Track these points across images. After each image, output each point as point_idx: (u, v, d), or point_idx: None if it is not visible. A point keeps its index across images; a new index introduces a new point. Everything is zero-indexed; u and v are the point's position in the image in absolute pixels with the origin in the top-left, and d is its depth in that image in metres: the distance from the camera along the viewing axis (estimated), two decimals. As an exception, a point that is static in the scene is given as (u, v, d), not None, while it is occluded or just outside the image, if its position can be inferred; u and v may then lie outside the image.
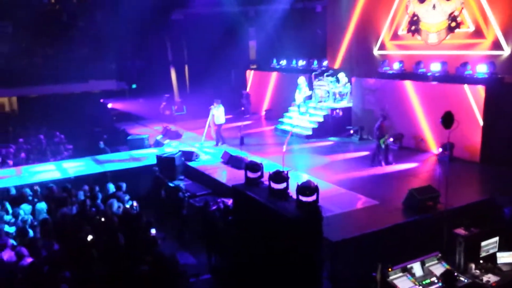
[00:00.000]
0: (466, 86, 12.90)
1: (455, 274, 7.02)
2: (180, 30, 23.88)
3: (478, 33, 14.49)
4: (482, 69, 13.12)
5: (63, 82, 22.94)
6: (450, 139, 9.64)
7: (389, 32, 17.66)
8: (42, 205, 10.07)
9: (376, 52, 18.28)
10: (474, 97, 12.66)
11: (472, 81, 13.09)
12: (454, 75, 13.89)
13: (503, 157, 12.18)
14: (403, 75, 15.53)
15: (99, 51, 24.52)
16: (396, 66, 15.88)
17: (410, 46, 16.87)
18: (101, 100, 24.02)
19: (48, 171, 13.32)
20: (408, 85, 14.67)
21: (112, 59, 24.91)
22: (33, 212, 9.86)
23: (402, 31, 17.12)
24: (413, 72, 15.31)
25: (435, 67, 14.53)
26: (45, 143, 17.01)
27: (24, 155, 15.52)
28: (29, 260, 7.31)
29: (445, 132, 9.19)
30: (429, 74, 14.69)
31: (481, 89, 12.49)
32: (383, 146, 12.83)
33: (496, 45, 13.94)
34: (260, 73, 22.43)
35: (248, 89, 22.74)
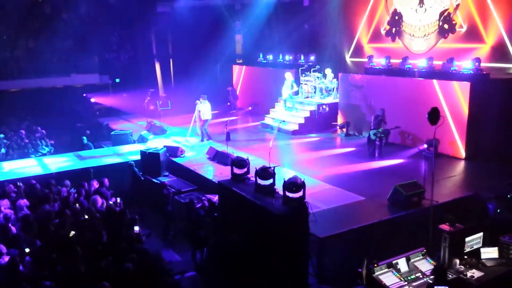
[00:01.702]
0: (451, 82, 12.97)
1: (446, 269, 7.04)
2: (165, 23, 23.58)
3: (473, 35, 14.11)
4: (467, 65, 13.19)
5: (45, 75, 22.51)
6: (436, 135, 9.67)
7: (367, 33, 17.43)
8: (24, 202, 9.85)
9: (348, 59, 18.18)
10: (459, 93, 12.73)
11: (458, 77, 13.16)
12: (440, 71, 13.96)
13: (487, 153, 12.29)
14: (389, 71, 15.57)
15: (82, 44, 24.11)
16: (383, 62, 15.90)
17: (391, 51, 16.47)
18: (84, 95, 23.64)
19: (29, 167, 13.05)
20: (395, 81, 14.70)
21: (96, 53, 24.52)
22: (14, 209, 9.64)
23: (384, 30, 16.66)
24: (399, 67, 15.35)
25: (421, 63, 14.59)
26: (26, 138, 16.67)
27: (4, 150, 15.20)
28: (6, 258, 7.14)
29: (431, 128, 9.20)
30: (415, 70, 14.74)
31: (466, 85, 12.55)
32: (373, 138, 12.94)
33: (500, 53, 13.42)
34: (246, 67, 22.30)
35: (234, 84, 22.60)
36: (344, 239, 8.50)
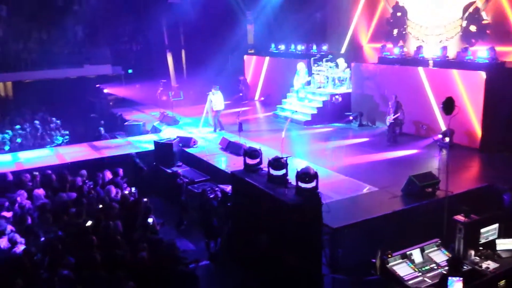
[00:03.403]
0: (467, 72, 12.78)
1: (461, 260, 7.00)
2: (177, 13, 23.55)
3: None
4: (483, 54, 12.98)
5: (58, 66, 22.65)
6: (450, 125, 9.57)
7: (366, 32, 16.88)
8: (40, 191, 9.97)
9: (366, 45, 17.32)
10: (474, 83, 12.54)
11: (473, 66, 12.96)
12: (455, 61, 13.76)
13: (503, 144, 12.14)
14: (403, 60, 15.38)
15: (94, 35, 24.23)
16: (397, 51, 15.71)
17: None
18: (97, 85, 23.78)
19: (44, 157, 13.19)
20: (408, 70, 14.53)
21: (108, 44, 24.61)
22: (30, 198, 9.77)
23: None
24: (413, 57, 15.16)
25: (436, 52, 14.38)
26: (41, 128, 16.85)
27: (20, 140, 15.38)
28: (21, 247, 7.25)
29: (446, 118, 9.10)
30: (429, 59, 14.53)
31: (482, 75, 12.37)
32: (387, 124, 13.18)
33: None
34: (258, 58, 22.20)
35: (245, 74, 22.54)
36: (357, 230, 8.48)
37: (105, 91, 23.39)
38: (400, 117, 13.53)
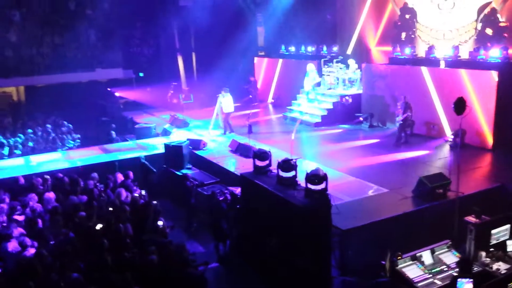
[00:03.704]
0: (478, 71, 12.64)
1: (471, 261, 6.94)
2: (188, 17, 23.69)
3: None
4: (495, 54, 12.83)
5: (71, 71, 22.93)
6: (462, 125, 9.47)
7: (374, 35, 16.61)
8: (51, 195, 10.08)
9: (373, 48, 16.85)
10: (486, 83, 12.40)
11: (485, 66, 12.81)
12: (467, 60, 13.61)
13: (515, 144, 11.99)
14: (414, 60, 15.26)
15: (106, 39, 24.47)
16: (408, 51, 15.59)
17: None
18: (109, 89, 24.00)
19: (56, 161, 13.33)
20: (420, 70, 14.41)
21: (119, 47, 24.85)
22: (41, 202, 9.88)
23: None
24: (425, 57, 15.03)
25: (447, 52, 14.25)
26: (53, 132, 17.04)
27: (32, 144, 15.56)
28: (32, 250, 7.32)
29: (457, 118, 9.01)
30: (441, 59, 14.40)
31: (494, 74, 12.23)
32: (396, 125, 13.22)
33: None
34: (269, 60, 22.22)
35: (256, 77, 22.56)
36: (367, 232, 8.41)
37: (116, 94, 23.60)
38: (409, 118, 13.44)
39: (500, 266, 7.20)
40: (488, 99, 12.37)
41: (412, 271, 7.04)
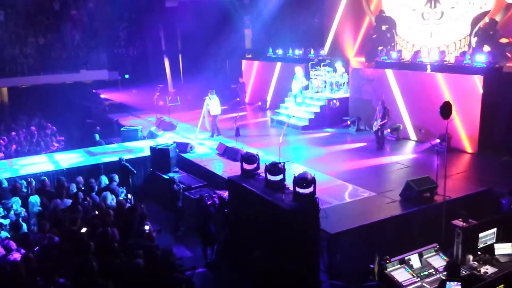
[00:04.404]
0: (464, 76, 12.77)
1: (459, 265, 6.97)
2: (174, 18, 23.57)
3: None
4: (480, 59, 12.98)
5: (55, 72, 22.61)
6: (448, 129, 9.54)
7: (353, 45, 16.54)
8: (35, 198, 9.89)
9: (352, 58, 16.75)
10: (472, 87, 12.52)
11: (471, 71, 12.95)
12: (453, 65, 13.75)
13: (500, 148, 12.12)
14: (400, 64, 15.37)
15: (91, 40, 24.22)
16: (394, 55, 15.70)
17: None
18: (94, 91, 23.73)
19: (40, 163, 13.10)
20: (406, 75, 14.51)
21: (105, 48, 24.60)
22: (26, 205, 9.68)
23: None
24: (411, 61, 15.15)
25: (433, 57, 14.38)
26: (37, 134, 16.76)
27: (15, 147, 15.28)
28: (16, 254, 7.16)
29: (443, 123, 9.08)
30: (427, 63, 14.53)
31: (479, 79, 12.36)
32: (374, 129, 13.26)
33: None
34: (256, 62, 22.19)
35: (243, 79, 22.51)
36: (355, 235, 8.42)
37: (102, 96, 23.34)
38: (386, 123, 13.46)
39: (488, 270, 7.23)
40: (473, 104, 12.50)
41: (400, 274, 7.04)
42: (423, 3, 11.02)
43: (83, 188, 10.55)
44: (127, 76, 25.44)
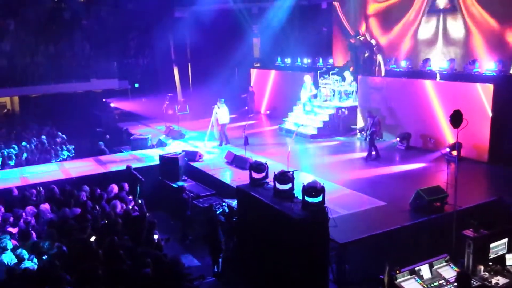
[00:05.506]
0: (474, 84, 12.69)
1: (470, 276, 6.87)
2: (184, 27, 23.72)
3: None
4: (490, 67, 12.89)
5: (65, 81, 22.81)
6: (459, 138, 9.46)
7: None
8: (45, 206, 9.93)
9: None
10: (482, 96, 12.43)
11: (481, 79, 12.86)
12: (462, 73, 13.68)
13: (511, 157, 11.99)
14: (410, 73, 15.32)
15: (101, 49, 24.43)
16: (403, 64, 15.66)
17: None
18: (104, 100, 23.90)
19: (50, 172, 13.19)
20: (415, 83, 14.45)
21: (115, 58, 24.79)
22: (36, 214, 9.73)
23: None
24: (420, 69, 15.09)
25: (443, 65, 14.31)
26: (48, 143, 16.89)
27: (26, 155, 15.41)
28: (27, 263, 7.18)
29: (454, 131, 9.01)
30: (436, 72, 14.47)
31: (489, 87, 12.27)
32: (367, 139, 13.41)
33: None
34: (264, 71, 22.24)
35: (252, 88, 22.55)
36: (365, 245, 8.35)
37: (112, 105, 23.50)
38: (375, 132, 13.44)
39: (499, 280, 7.12)
40: (484, 112, 12.41)
41: (410, 285, 6.94)
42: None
43: (91, 197, 10.58)
44: (136, 85, 25.60)
